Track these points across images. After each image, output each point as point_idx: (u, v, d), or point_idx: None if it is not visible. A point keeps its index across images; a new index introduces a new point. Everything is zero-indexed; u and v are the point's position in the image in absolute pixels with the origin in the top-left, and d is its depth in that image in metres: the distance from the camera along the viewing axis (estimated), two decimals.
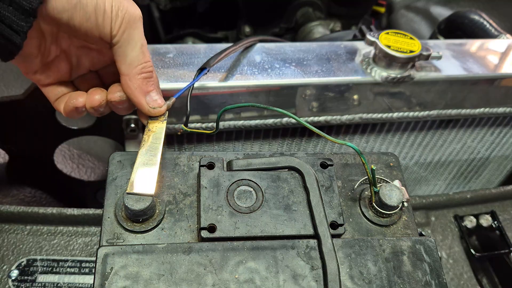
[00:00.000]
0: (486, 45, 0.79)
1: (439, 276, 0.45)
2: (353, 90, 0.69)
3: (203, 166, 0.48)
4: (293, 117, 0.48)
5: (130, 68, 0.45)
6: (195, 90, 0.62)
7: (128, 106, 0.49)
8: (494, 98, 0.77)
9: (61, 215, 0.68)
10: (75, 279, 0.64)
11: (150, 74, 0.47)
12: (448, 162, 0.91)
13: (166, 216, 0.46)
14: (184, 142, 0.71)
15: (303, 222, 0.46)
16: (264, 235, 0.45)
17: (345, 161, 0.54)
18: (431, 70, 0.71)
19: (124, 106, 0.49)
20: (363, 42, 0.73)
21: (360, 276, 0.44)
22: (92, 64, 0.50)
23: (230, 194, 0.47)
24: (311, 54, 0.70)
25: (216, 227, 0.44)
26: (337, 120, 0.71)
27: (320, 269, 0.43)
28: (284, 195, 0.47)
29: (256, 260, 0.43)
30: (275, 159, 0.50)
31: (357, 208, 0.50)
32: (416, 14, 1.22)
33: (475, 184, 0.99)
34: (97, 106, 0.47)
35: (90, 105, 0.47)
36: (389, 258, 0.45)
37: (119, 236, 0.45)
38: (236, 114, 0.67)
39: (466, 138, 0.85)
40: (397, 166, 0.54)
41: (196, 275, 0.41)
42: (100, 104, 0.47)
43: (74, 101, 0.47)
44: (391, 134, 0.80)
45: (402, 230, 0.50)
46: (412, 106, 0.73)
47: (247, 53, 0.69)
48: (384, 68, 0.68)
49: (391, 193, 0.48)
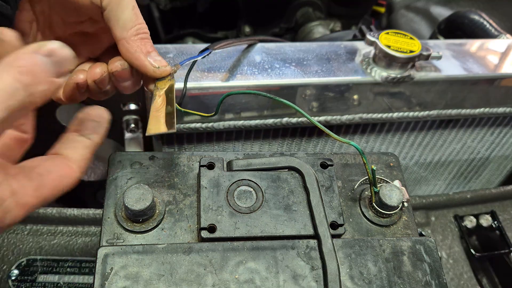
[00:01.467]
0: (486, 45, 0.79)
1: (439, 276, 0.45)
2: (353, 90, 0.69)
3: (203, 166, 0.48)
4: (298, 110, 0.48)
5: (125, 30, 0.44)
6: (195, 90, 0.62)
7: (131, 79, 0.47)
8: (494, 98, 0.77)
9: (61, 215, 0.68)
10: (75, 279, 0.64)
11: (147, 35, 0.45)
12: (448, 162, 0.91)
13: (166, 216, 0.46)
14: (184, 142, 0.71)
15: (303, 222, 0.46)
16: (264, 235, 0.45)
17: (345, 161, 0.54)
18: (431, 70, 0.71)
19: (128, 80, 0.47)
20: (363, 42, 0.73)
21: (360, 276, 0.44)
22: (91, 51, 0.49)
23: (230, 194, 0.47)
24: (311, 54, 0.70)
25: (216, 227, 0.44)
26: (337, 120, 0.71)
27: (320, 269, 0.43)
28: (284, 195, 0.47)
29: (256, 260, 0.43)
30: (275, 159, 0.50)
31: (357, 208, 0.50)
32: (416, 14, 1.22)
33: (475, 184, 0.99)
34: (99, 79, 0.45)
35: (91, 78, 0.46)
36: (389, 258, 0.45)
37: (119, 236, 0.45)
38: (236, 114, 0.67)
39: (466, 138, 0.85)
40: (397, 166, 0.54)
41: (196, 275, 0.41)
42: (102, 77, 0.46)
43: (74, 76, 0.46)
44: (391, 134, 0.80)
45: (402, 230, 0.50)
46: (412, 106, 0.73)
47: (247, 53, 0.69)
48: (384, 68, 0.68)
49: (391, 193, 0.48)
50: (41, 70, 0.33)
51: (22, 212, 0.34)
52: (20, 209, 0.34)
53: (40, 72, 0.33)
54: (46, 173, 0.36)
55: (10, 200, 0.33)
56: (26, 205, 0.34)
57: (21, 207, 0.34)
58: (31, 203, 0.35)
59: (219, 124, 0.67)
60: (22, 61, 0.32)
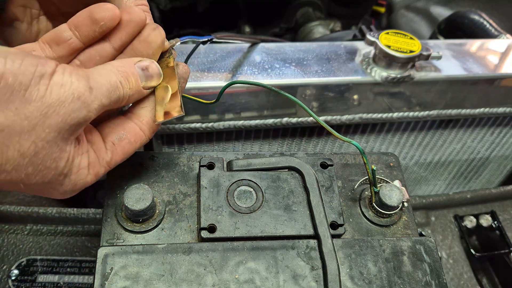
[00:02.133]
0: (486, 45, 0.79)
1: (439, 276, 0.45)
2: (353, 90, 0.69)
3: (203, 166, 0.48)
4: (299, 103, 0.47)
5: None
6: (195, 90, 0.62)
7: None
8: (494, 98, 0.77)
9: (61, 215, 0.68)
10: (75, 279, 0.64)
11: (147, 8, 0.45)
12: (448, 162, 0.91)
13: (166, 216, 0.46)
14: (184, 142, 0.71)
15: (303, 222, 0.46)
16: (264, 235, 0.45)
17: (345, 161, 0.54)
18: (431, 70, 0.71)
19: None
20: (363, 42, 0.73)
21: (360, 277, 0.44)
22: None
23: (230, 194, 0.47)
24: (311, 54, 0.70)
25: (216, 227, 0.44)
26: (337, 120, 0.71)
27: (320, 269, 0.43)
28: (284, 195, 0.47)
29: (256, 261, 0.43)
30: (275, 159, 0.50)
31: (357, 208, 0.50)
32: (416, 14, 1.22)
33: (475, 184, 0.99)
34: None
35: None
36: (389, 258, 0.45)
37: (119, 236, 0.45)
38: (236, 114, 0.67)
39: (466, 138, 0.85)
40: (397, 166, 0.54)
41: (196, 276, 0.41)
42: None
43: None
44: (391, 134, 0.80)
45: (402, 230, 0.50)
46: (412, 106, 0.73)
47: (247, 53, 0.69)
48: (384, 68, 0.68)
49: (391, 193, 0.48)
50: (136, 79, 0.41)
51: (93, 179, 0.41)
52: (92, 177, 0.40)
53: (136, 81, 0.41)
54: (118, 141, 0.42)
55: (85, 169, 0.39)
56: (98, 174, 0.41)
57: (93, 176, 0.40)
58: (101, 173, 0.41)
59: (219, 124, 0.67)
60: (125, 68, 0.40)
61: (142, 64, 0.41)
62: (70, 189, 0.39)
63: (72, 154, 0.37)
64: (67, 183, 0.38)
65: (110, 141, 0.42)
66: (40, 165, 0.35)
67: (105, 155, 0.41)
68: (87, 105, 0.36)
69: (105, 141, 0.42)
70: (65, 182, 0.38)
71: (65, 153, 0.37)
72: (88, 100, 0.36)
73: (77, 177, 0.39)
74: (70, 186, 0.39)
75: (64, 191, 0.39)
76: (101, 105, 0.37)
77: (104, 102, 0.37)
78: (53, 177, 0.37)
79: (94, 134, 0.41)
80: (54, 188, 0.38)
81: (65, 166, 0.37)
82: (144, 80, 0.42)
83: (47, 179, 0.37)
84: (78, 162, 0.38)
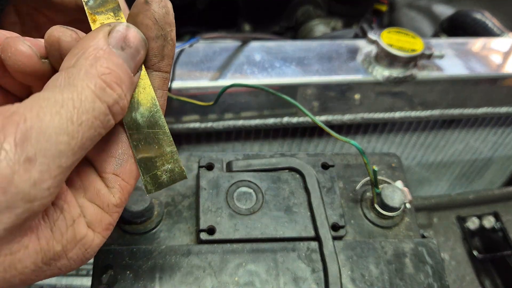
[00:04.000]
0: (489, 44, 0.79)
1: (442, 278, 0.44)
2: (355, 90, 0.68)
3: (202, 167, 0.47)
4: (298, 106, 0.47)
5: None
6: (194, 90, 0.62)
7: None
8: (496, 97, 0.76)
9: None
10: (73, 281, 0.64)
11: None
12: (450, 163, 0.90)
13: (164, 217, 0.46)
14: (183, 143, 0.71)
15: (304, 224, 0.45)
16: (264, 237, 0.44)
17: (347, 162, 0.53)
18: (433, 69, 0.70)
19: None
20: (364, 41, 0.72)
21: (362, 279, 0.43)
22: None
23: (229, 196, 0.46)
24: (312, 53, 0.69)
25: (216, 229, 0.44)
26: (338, 120, 0.71)
27: (321, 271, 0.42)
28: (285, 196, 0.47)
29: (256, 263, 0.42)
30: (275, 159, 0.49)
31: (358, 209, 0.49)
32: (418, 12, 1.22)
33: (478, 184, 0.98)
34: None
35: None
36: (391, 260, 0.44)
37: (117, 238, 0.44)
38: (236, 114, 0.66)
39: (469, 138, 0.85)
40: (399, 167, 0.54)
41: (195, 278, 0.41)
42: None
43: None
44: (393, 134, 0.79)
45: (404, 231, 0.49)
46: (414, 105, 0.73)
47: (247, 52, 0.68)
48: (386, 67, 0.67)
49: (393, 194, 0.47)
50: (125, 72, 0.25)
51: (106, 234, 0.30)
52: (101, 237, 0.29)
53: (125, 75, 0.25)
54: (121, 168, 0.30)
55: (88, 235, 0.29)
56: (109, 226, 0.30)
57: (103, 231, 0.30)
58: (113, 221, 0.30)
59: (218, 124, 0.66)
60: (104, 63, 0.24)
61: (116, 36, 0.26)
62: (80, 259, 0.28)
63: (46, 237, 0.25)
64: (66, 262, 0.27)
65: (110, 174, 0.29)
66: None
67: (110, 197, 0.29)
68: (27, 194, 0.21)
69: (103, 177, 0.29)
70: (62, 262, 0.27)
71: (26, 247, 0.24)
72: (26, 185, 0.21)
73: (78, 250, 0.28)
74: (76, 262, 0.28)
75: (70, 267, 0.28)
76: (67, 168, 0.23)
77: (70, 161, 0.23)
78: (33, 271, 0.25)
79: (83, 176, 0.29)
80: (52, 271, 0.27)
81: (44, 256, 0.25)
82: (132, 63, 0.27)
83: (25, 276, 0.25)
84: (69, 236, 0.27)
